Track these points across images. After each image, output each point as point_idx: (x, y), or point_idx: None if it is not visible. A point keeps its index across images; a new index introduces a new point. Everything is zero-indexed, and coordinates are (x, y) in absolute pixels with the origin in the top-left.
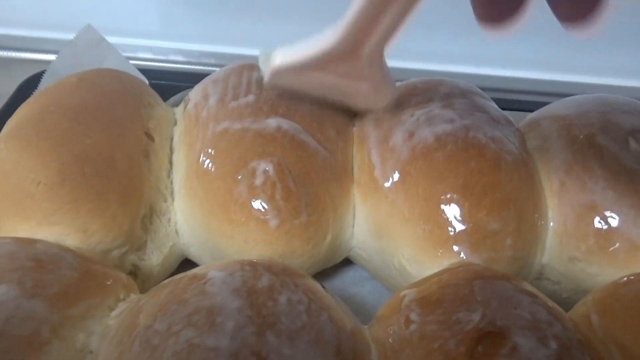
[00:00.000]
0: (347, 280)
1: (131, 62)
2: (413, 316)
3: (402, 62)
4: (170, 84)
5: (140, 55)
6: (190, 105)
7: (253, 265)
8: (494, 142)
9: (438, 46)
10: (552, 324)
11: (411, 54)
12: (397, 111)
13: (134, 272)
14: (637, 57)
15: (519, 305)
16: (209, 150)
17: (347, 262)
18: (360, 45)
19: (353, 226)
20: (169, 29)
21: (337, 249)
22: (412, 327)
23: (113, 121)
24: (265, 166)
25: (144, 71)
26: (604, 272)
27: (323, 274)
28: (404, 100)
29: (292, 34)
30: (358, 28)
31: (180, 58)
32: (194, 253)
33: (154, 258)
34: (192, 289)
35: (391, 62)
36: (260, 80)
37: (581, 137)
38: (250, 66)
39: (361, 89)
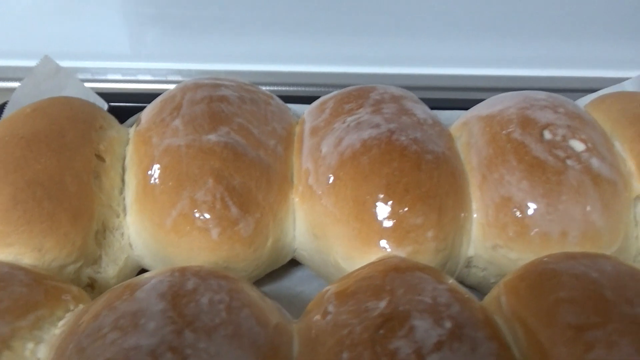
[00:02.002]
0: (295, 279)
1: (101, 84)
2: (330, 308)
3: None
4: (138, 105)
5: (110, 77)
6: (140, 125)
7: (182, 271)
8: (415, 144)
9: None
10: (451, 306)
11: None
12: (331, 118)
13: (91, 285)
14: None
15: (422, 292)
16: (155, 166)
17: (296, 262)
18: None
19: (294, 229)
20: (136, 49)
21: (280, 251)
22: (328, 317)
23: (63, 146)
24: (205, 179)
25: (112, 94)
26: (523, 257)
27: (273, 274)
28: (338, 107)
29: (259, 49)
30: None
31: (148, 77)
32: (148, 263)
33: (110, 270)
34: (124, 296)
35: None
36: (203, 97)
37: (501, 133)
38: (194, 85)
39: None
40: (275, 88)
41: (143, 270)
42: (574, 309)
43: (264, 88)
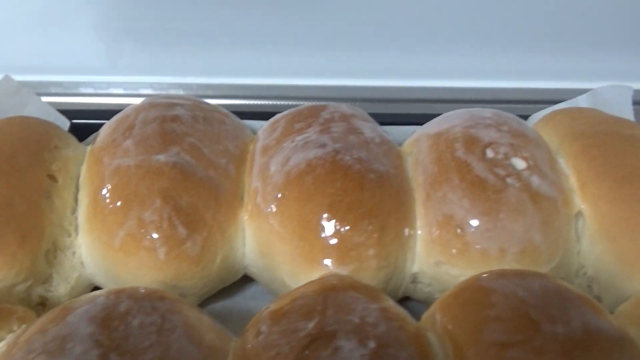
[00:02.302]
0: (248, 295)
1: (73, 98)
2: (263, 327)
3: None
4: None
5: (82, 90)
6: (94, 144)
7: (117, 293)
8: (359, 163)
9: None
10: (378, 325)
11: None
12: (281, 137)
13: (43, 303)
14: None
15: (352, 312)
16: (105, 186)
17: (249, 278)
18: None
19: (244, 246)
20: (108, 63)
21: (230, 269)
22: (260, 337)
23: (13, 167)
24: (153, 199)
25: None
26: (465, 273)
27: (226, 291)
28: (288, 127)
29: (231, 62)
30: None
31: (120, 91)
32: (99, 281)
33: (61, 289)
34: (57, 319)
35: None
36: (155, 117)
37: (446, 151)
38: (149, 104)
39: None
40: (246, 102)
41: (96, 288)
42: (499, 326)
43: (236, 101)
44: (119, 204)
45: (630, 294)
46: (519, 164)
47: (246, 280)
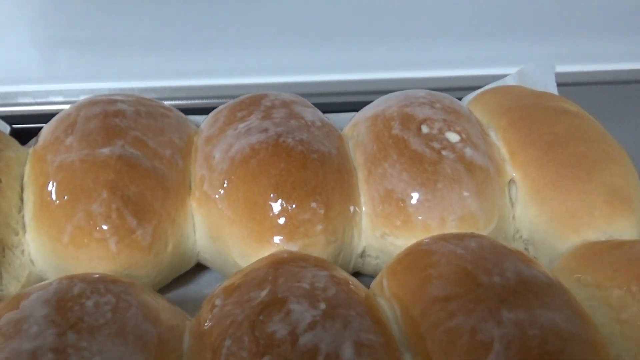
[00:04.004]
0: (203, 282)
1: (11, 108)
2: (217, 302)
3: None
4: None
5: (21, 100)
6: (37, 144)
7: (70, 278)
8: (301, 144)
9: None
10: (327, 289)
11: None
12: (224, 126)
13: None
14: None
15: (302, 279)
16: (50, 183)
17: (203, 266)
18: None
19: (195, 233)
20: (47, 71)
21: (183, 256)
22: (215, 310)
23: None
24: (100, 191)
25: (20, 116)
26: (409, 243)
27: (181, 279)
28: (230, 116)
29: (172, 64)
30: None
31: (60, 99)
32: (51, 277)
33: (12, 287)
34: (10, 306)
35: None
36: (97, 113)
37: (384, 130)
38: (90, 102)
39: None
40: (189, 102)
41: None
42: (440, 283)
43: (179, 102)
44: (65, 198)
45: (563, 251)
46: (453, 137)
47: (200, 268)
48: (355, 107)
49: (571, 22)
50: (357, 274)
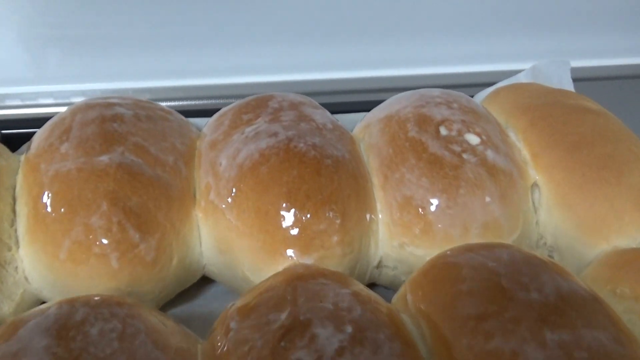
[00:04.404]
0: (209, 296)
1: (1, 111)
2: (232, 324)
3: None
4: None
5: (9, 103)
6: (29, 152)
7: (71, 302)
8: (314, 149)
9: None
10: (352, 310)
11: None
12: (229, 130)
13: None
14: None
15: (324, 298)
16: (45, 194)
17: (209, 279)
18: None
19: (200, 245)
20: (36, 72)
21: (188, 269)
22: (231, 334)
23: None
24: (99, 202)
25: (8, 121)
26: (429, 253)
27: (186, 293)
28: (236, 119)
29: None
30: None
31: (50, 100)
32: (47, 296)
33: (5, 307)
34: (6, 335)
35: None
36: (94, 118)
37: (399, 132)
38: (85, 105)
39: None
40: (186, 102)
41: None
42: (473, 300)
43: (176, 103)
44: (62, 210)
45: (590, 259)
46: (473, 139)
47: (206, 281)
48: (362, 106)
49: (583, 16)
50: (372, 285)
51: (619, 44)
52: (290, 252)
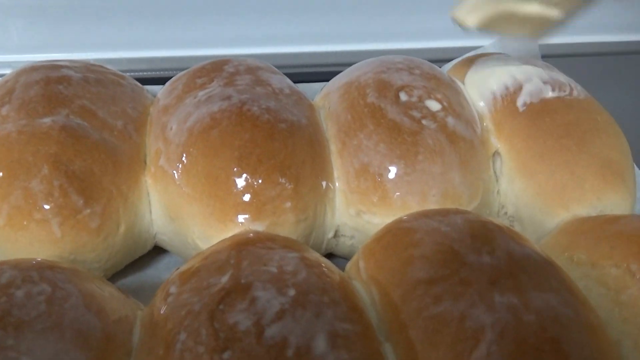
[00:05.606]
0: (161, 267)
1: None
2: (172, 289)
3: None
4: None
5: None
6: None
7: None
8: (268, 113)
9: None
10: (298, 273)
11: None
12: (182, 94)
13: None
14: None
15: (268, 262)
16: None
17: (162, 249)
18: None
19: (150, 213)
20: (26, 41)
21: (137, 238)
22: (170, 299)
23: None
24: (40, 166)
25: None
26: (387, 221)
27: (137, 264)
28: (189, 83)
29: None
30: None
31: (8, 71)
32: None
33: None
34: None
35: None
36: (39, 79)
37: (359, 98)
38: (31, 67)
39: None
40: (148, 74)
41: None
42: (424, 264)
43: (134, 74)
44: (0, 175)
45: (551, 228)
46: (434, 105)
47: (159, 252)
48: (327, 77)
49: None
50: (330, 255)
51: (587, 20)
52: (241, 218)
